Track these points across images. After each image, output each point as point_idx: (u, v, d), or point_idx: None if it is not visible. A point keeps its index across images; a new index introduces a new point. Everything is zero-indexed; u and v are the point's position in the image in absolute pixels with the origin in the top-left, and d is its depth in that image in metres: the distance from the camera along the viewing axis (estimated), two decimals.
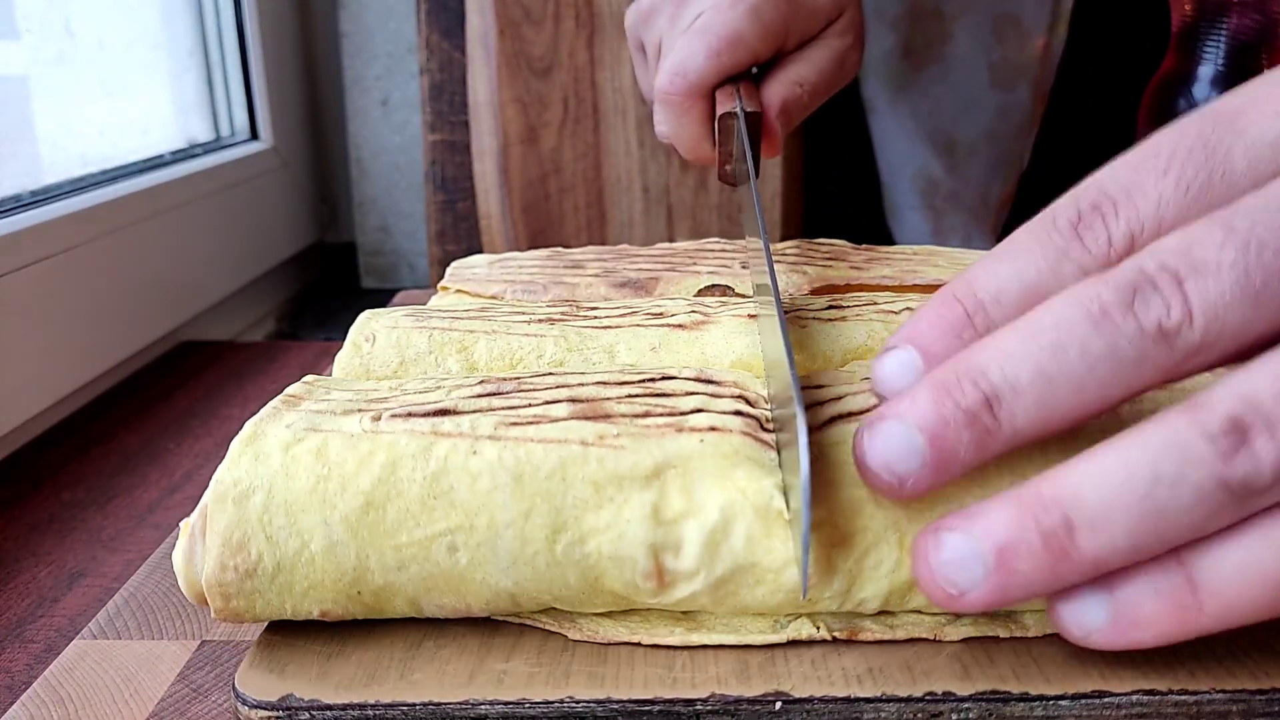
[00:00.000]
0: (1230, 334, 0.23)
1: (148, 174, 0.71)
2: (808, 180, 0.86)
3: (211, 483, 0.30)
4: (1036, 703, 0.27)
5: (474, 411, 0.30)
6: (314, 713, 0.28)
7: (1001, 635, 0.30)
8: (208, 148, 0.83)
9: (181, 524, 0.31)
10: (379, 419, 0.30)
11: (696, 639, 0.30)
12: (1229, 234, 0.23)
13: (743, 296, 0.44)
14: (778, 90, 0.50)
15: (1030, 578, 0.24)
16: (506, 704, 0.28)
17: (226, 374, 0.66)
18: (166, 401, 0.62)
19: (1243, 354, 0.24)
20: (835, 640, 0.30)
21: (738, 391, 0.32)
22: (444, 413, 0.30)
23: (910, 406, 0.26)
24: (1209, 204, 0.25)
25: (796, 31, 0.50)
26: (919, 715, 0.27)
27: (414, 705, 0.28)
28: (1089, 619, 0.25)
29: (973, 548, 0.25)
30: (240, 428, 0.31)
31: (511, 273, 0.48)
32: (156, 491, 0.50)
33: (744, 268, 0.46)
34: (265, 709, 0.28)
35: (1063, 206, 0.27)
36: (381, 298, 0.84)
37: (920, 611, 0.30)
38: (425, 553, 0.29)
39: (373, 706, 0.28)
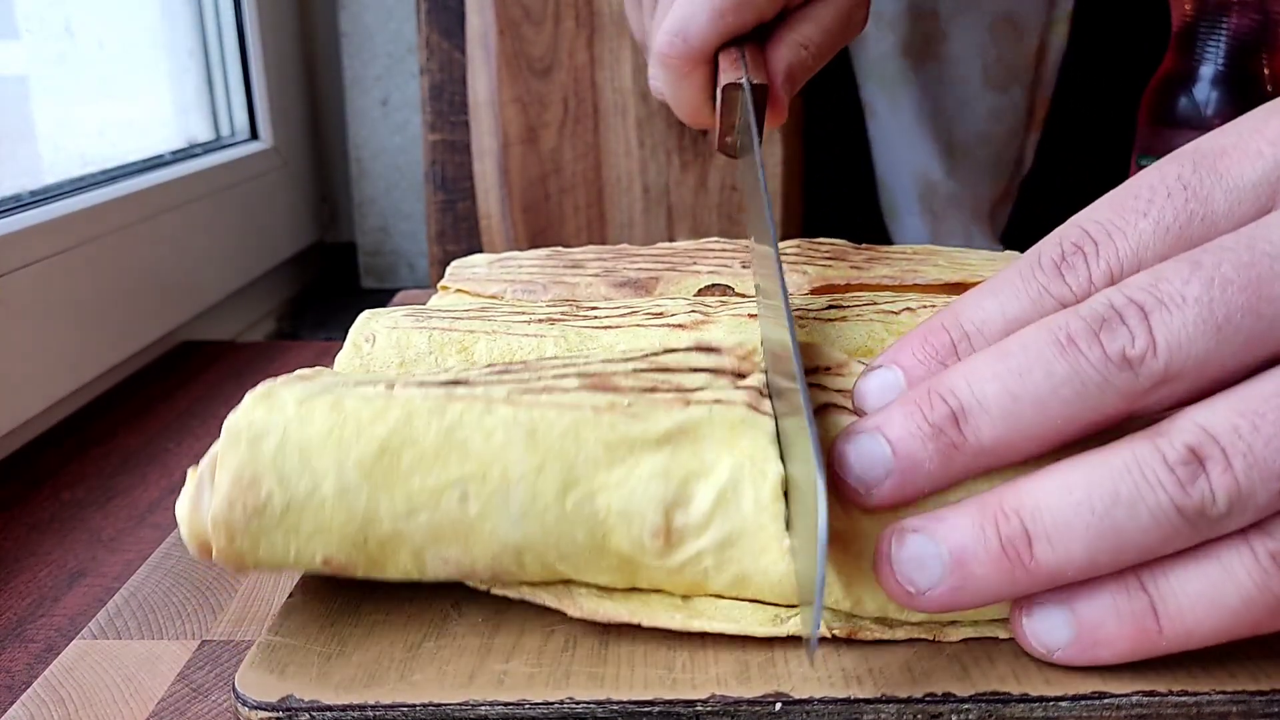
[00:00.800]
0: (1194, 366, 0.24)
1: (148, 174, 0.71)
2: (807, 181, 0.86)
3: (223, 428, 0.29)
4: (1036, 704, 0.27)
5: (486, 383, 0.31)
6: (314, 713, 0.28)
7: (1001, 636, 0.30)
8: (208, 148, 0.83)
9: (189, 471, 0.30)
10: (392, 387, 0.31)
11: (697, 625, 0.30)
12: (1195, 270, 0.24)
13: (743, 296, 0.44)
14: (784, 54, 0.47)
15: (987, 583, 0.26)
16: (506, 705, 0.28)
17: (226, 374, 0.66)
18: (166, 401, 0.62)
19: (1215, 388, 0.24)
20: (835, 638, 0.30)
21: (740, 359, 0.32)
22: (457, 383, 0.31)
23: (883, 419, 0.27)
24: (1188, 245, 0.25)
25: None
26: (919, 716, 0.27)
27: (414, 706, 0.28)
28: (1052, 637, 0.27)
29: (933, 549, 0.26)
30: None
31: (511, 272, 0.48)
32: (156, 491, 0.50)
33: (744, 267, 0.46)
34: (265, 710, 0.28)
35: (1048, 245, 0.28)
36: (381, 298, 0.84)
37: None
38: (436, 500, 0.29)
39: (373, 707, 0.28)
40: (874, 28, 0.78)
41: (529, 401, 0.30)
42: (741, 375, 0.32)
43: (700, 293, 0.45)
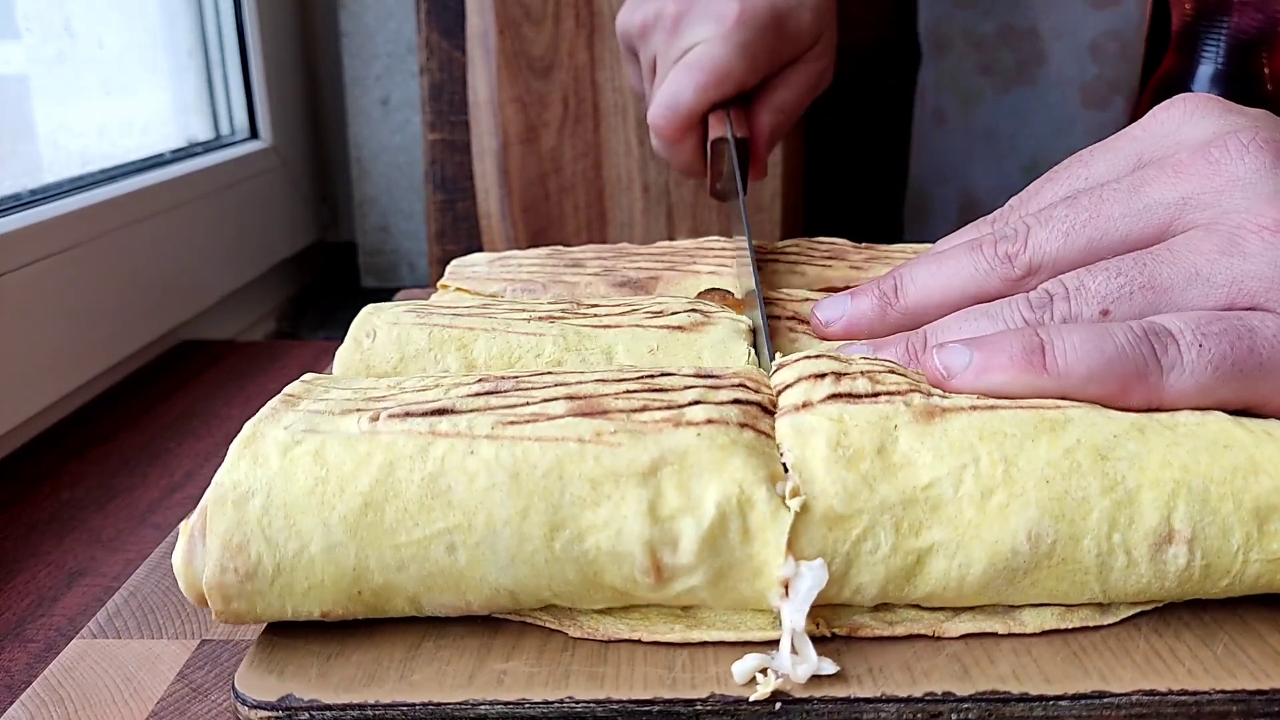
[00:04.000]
0: (1050, 262, 0.35)
1: (148, 174, 0.71)
2: (809, 179, 0.86)
3: (211, 486, 0.30)
4: (1036, 703, 0.27)
5: (471, 411, 0.30)
6: (313, 713, 0.28)
7: (999, 631, 0.30)
8: (208, 147, 0.83)
9: (181, 525, 0.31)
10: (377, 419, 0.30)
11: (697, 636, 0.30)
12: (1068, 207, 0.36)
13: (740, 303, 0.45)
14: (764, 119, 0.54)
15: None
16: (506, 704, 0.28)
17: (226, 374, 0.66)
18: (166, 401, 0.62)
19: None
20: (834, 636, 0.30)
21: (739, 381, 0.32)
22: (441, 412, 0.30)
23: (853, 291, 0.39)
24: (1071, 192, 0.38)
25: (781, 59, 0.54)
26: (919, 715, 0.27)
27: (414, 705, 0.28)
28: (954, 361, 0.32)
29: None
30: (240, 428, 0.31)
31: (511, 271, 0.48)
32: (156, 491, 0.50)
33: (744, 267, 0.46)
34: (265, 709, 0.28)
35: (985, 220, 0.40)
36: (381, 297, 0.84)
37: (919, 606, 0.30)
38: (424, 552, 0.29)
39: (372, 707, 0.28)
40: (961, 45, 0.79)
41: (513, 434, 0.29)
42: (742, 388, 0.32)
43: (699, 296, 0.45)
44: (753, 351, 0.38)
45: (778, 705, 0.27)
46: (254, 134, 0.88)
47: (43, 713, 0.30)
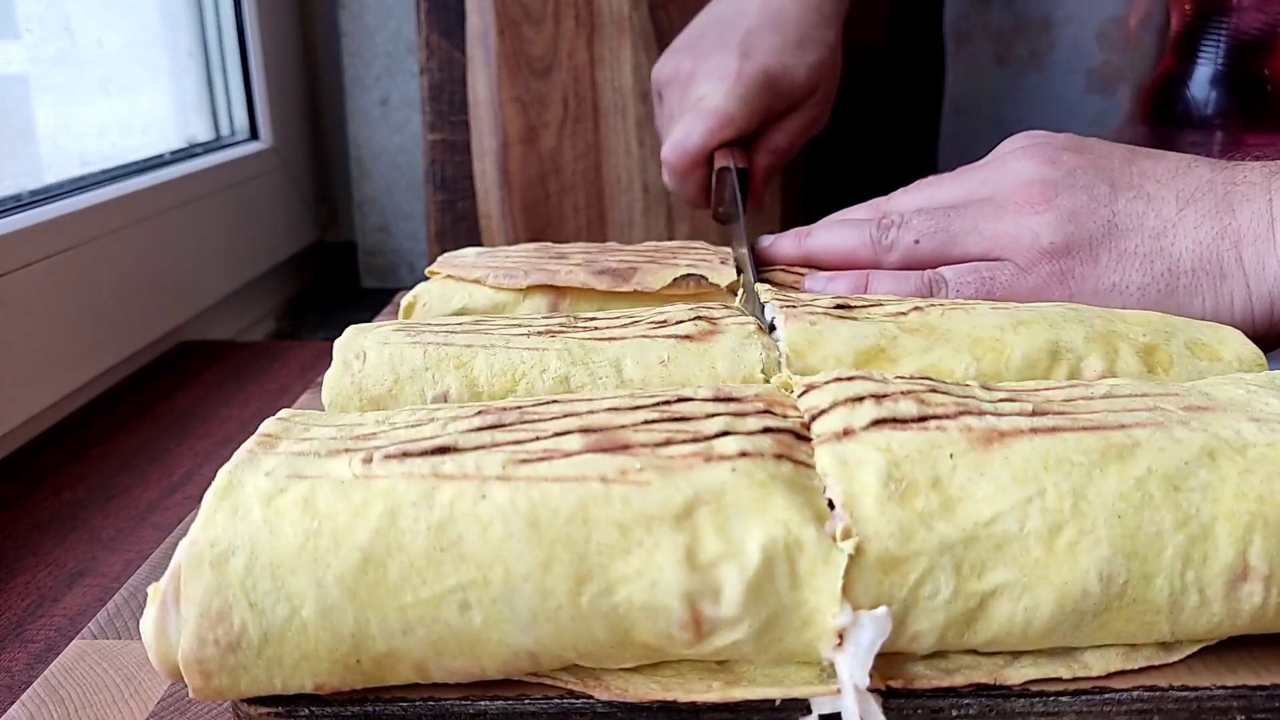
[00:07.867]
0: (909, 246, 0.47)
1: (148, 174, 0.71)
2: (808, 176, 0.86)
3: (184, 544, 0.26)
4: (1037, 699, 0.27)
5: (477, 448, 0.28)
6: (314, 709, 0.28)
7: (1064, 675, 0.28)
8: (208, 147, 0.83)
9: (150, 589, 0.27)
10: (370, 460, 0.27)
11: (738, 694, 0.27)
12: (931, 216, 0.47)
13: (716, 286, 0.45)
14: (761, 159, 0.64)
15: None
16: (506, 700, 0.28)
17: (226, 374, 0.66)
18: (166, 401, 0.62)
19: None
20: (889, 690, 0.27)
21: (763, 406, 0.30)
22: (444, 450, 0.28)
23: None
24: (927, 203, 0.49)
25: (777, 110, 0.63)
26: (920, 710, 0.27)
27: (414, 702, 0.28)
28: (816, 283, 0.47)
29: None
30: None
31: (497, 260, 0.48)
32: (156, 491, 0.50)
33: (723, 263, 0.47)
34: (265, 705, 0.28)
35: (865, 206, 0.52)
36: (382, 297, 0.84)
37: (977, 652, 0.28)
38: (434, 613, 0.26)
39: (373, 702, 0.28)
40: (979, 37, 0.82)
41: (528, 474, 0.26)
42: (769, 414, 0.29)
43: (675, 282, 0.45)
44: (767, 356, 0.37)
45: (778, 701, 0.27)
46: (254, 135, 0.88)
47: (43, 713, 0.30)
